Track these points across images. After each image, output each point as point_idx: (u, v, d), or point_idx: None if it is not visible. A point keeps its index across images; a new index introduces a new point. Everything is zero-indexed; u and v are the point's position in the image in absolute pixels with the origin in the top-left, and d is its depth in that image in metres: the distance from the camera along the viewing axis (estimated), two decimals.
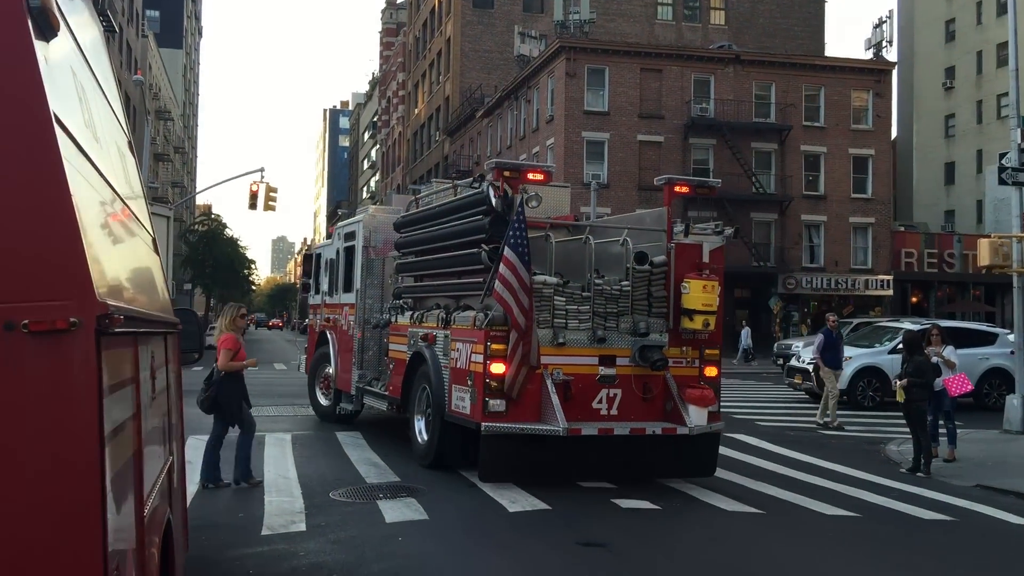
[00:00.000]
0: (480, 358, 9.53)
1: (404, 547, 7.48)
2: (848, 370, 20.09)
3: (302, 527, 8.19)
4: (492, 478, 9.78)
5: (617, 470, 10.17)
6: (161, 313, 3.84)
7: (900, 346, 20.47)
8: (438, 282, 11.75)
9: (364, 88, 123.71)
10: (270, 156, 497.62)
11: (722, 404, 20.06)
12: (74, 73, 2.64)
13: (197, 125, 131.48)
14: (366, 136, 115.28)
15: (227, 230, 75.07)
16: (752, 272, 44.64)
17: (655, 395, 10.00)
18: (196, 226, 76.97)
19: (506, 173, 9.63)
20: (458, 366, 10.19)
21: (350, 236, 14.88)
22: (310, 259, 17.80)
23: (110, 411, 2.17)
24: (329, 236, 17.11)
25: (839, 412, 17.23)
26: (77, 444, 2.02)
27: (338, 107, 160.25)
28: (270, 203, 34.02)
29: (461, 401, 10.02)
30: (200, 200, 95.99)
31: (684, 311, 10.01)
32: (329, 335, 15.54)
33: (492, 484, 9.93)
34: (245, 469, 10.20)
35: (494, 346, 9.34)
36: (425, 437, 11.19)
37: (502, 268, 9.11)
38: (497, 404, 9.34)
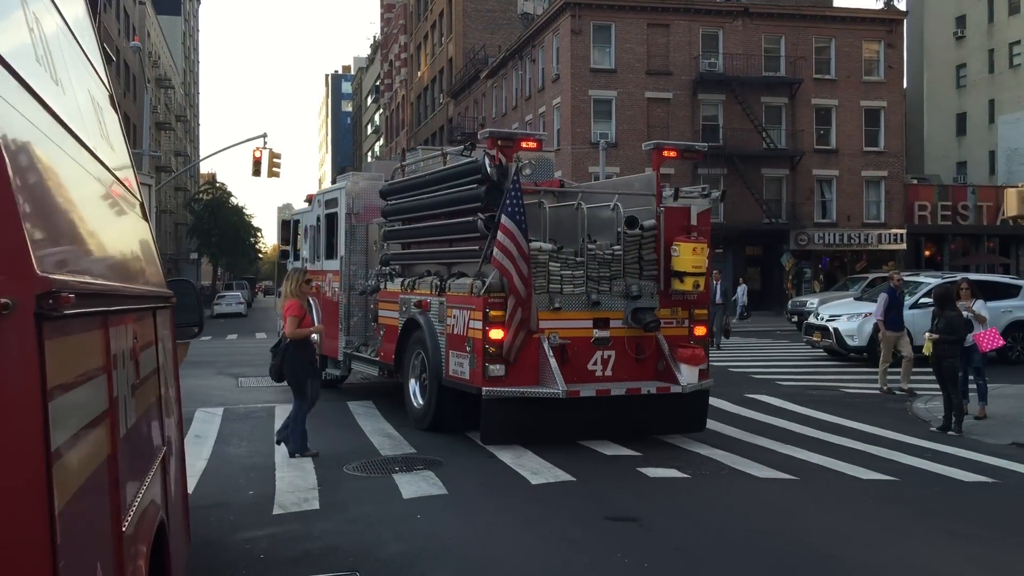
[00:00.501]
0: (479, 324, 9.75)
1: (423, 525, 7.10)
2: (868, 327, 19.71)
3: (315, 505, 7.82)
4: (494, 440, 9.98)
5: (614, 428, 10.37)
6: (148, 286, 3.39)
7: (921, 300, 20.23)
8: (429, 249, 11.93)
9: (366, 52, 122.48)
10: (273, 123, 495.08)
11: (740, 363, 19.72)
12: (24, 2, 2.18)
13: (198, 93, 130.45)
14: (369, 100, 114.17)
15: (232, 198, 74.68)
16: (764, 229, 44.05)
17: (647, 355, 10.37)
18: (201, 195, 76.57)
19: (500, 142, 9.78)
20: (455, 332, 10.37)
21: (331, 203, 14.99)
22: (287, 226, 17.84)
23: (64, 414, 1.71)
24: (308, 203, 17.21)
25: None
26: (12, 465, 1.54)
27: (340, 72, 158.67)
28: (274, 169, 33.51)
29: (459, 366, 10.22)
30: (204, 169, 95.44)
31: (674, 273, 10.36)
32: (312, 301, 15.38)
33: (512, 454, 9.66)
34: (302, 443, 9.83)
35: (492, 312, 9.60)
36: (420, 402, 11.41)
37: (500, 236, 9.30)
38: (496, 369, 9.59)
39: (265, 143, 33.45)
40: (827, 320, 20.76)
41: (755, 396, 15.03)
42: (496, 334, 9.56)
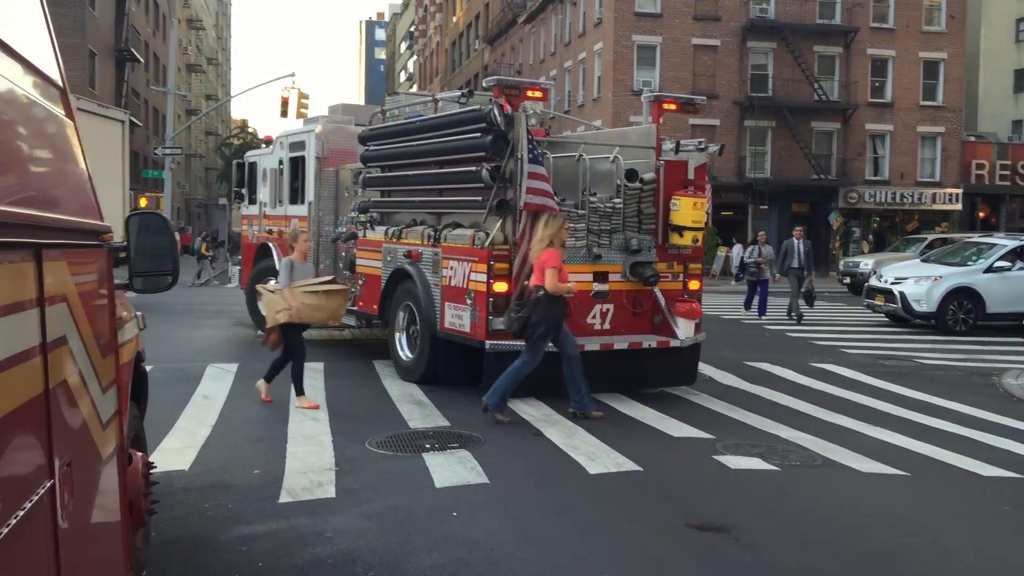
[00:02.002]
0: (482, 277, 9.66)
1: (461, 527, 5.75)
2: (937, 291, 18.20)
3: (331, 492, 6.50)
4: None
5: (612, 381, 10.21)
6: (40, 212, 2.01)
7: (996, 264, 18.61)
8: (418, 198, 11.68)
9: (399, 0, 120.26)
10: (307, 70, 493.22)
11: (797, 327, 18.23)
12: None
13: (231, 37, 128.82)
14: (403, 47, 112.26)
15: (263, 145, 73.42)
16: (811, 185, 42.14)
17: (644, 309, 10.49)
18: (231, 139, 75.34)
19: (507, 90, 9.65)
20: (452, 284, 10.25)
21: (297, 146, 14.55)
22: (243, 168, 17.03)
23: None
24: (267, 144, 16.45)
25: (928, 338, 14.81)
26: None
27: (374, 19, 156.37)
28: (302, 110, 32.18)
29: (458, 319, 10.11)
30: (235, 115, 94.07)
31: (673, 227, 10.39)
32: (273, 248, 15.13)
33: (561, 432, 8.39)
34: (503, 400, 8.77)
35: (497, 265, 9.59)
36: (409, 354, 11.27)
37: (533, 182, 9.20)
38: (500, 322, 9.46)
39: (293, 83, 32.27)
40: (892, 283, 19.20)
41: (821, 365, 13.56)
42: (500, 287, 9.55)
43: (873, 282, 20.27)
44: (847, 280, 30.01)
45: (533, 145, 9.32)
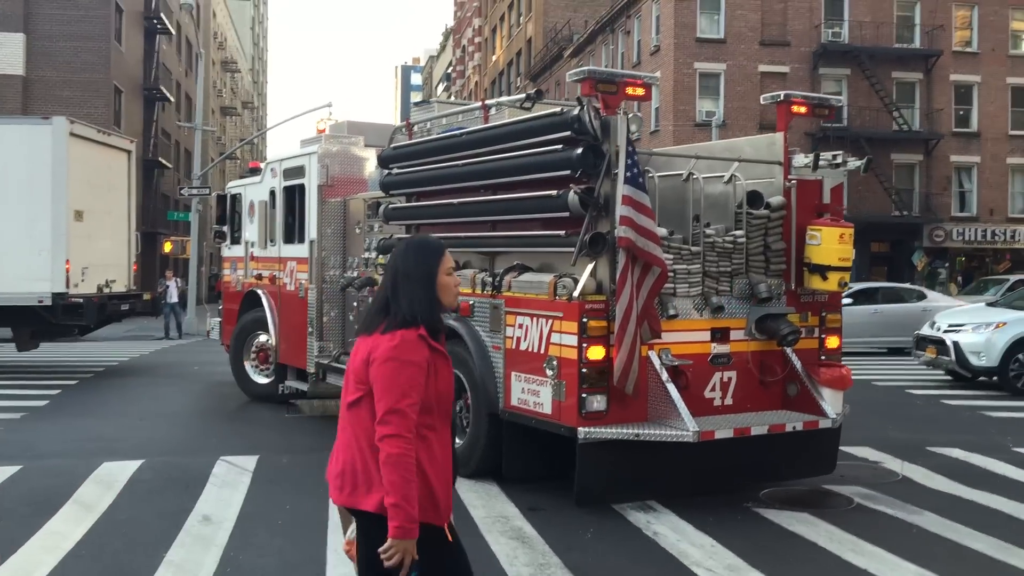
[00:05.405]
0: (571, 340, 7.28)
1: None
2: (1000, 341, 14.84)
3: None
4: (594, 500, 7.47)
5: (736, 477, 7.96)
6: None
7: None
8: (463, 234, 9.09)
9: (436, 44, 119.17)
10: (341, 115, 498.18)
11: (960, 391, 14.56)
12: None
13: (267, 82, 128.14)
14: (440, 89, 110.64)
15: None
16: (892, 222, 38.58)
17: (777, 378, 8.07)
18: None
19: (601, 86, 7.29)
20: (523, 348, 7.93)
21: (295, 173, 12.11)
22: (224, 200, 14.23)
23: None
24: (253, 171, 13.66)
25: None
26: None
27: (410, 64, 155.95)
28: None
29: (532, 395, 7.76)
30: (271, 155, 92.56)
31: (813, 267, 8.06)
32: (263, 296, 12.83)
33: None
34: None
35: (592, 324, 7.21)
36: (456, 439, 8.51)
37: (626, 211, 6.93)
38: (598, 401, 7.20)
39: (330, 114, 29.41)
40: (945, 331, 15.70)
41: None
42: (596, 353, 7.17)
43: (925, 330, 16.64)
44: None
45: (634, 161, 7.05)
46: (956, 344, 15.27)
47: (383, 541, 3.05)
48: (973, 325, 15.54)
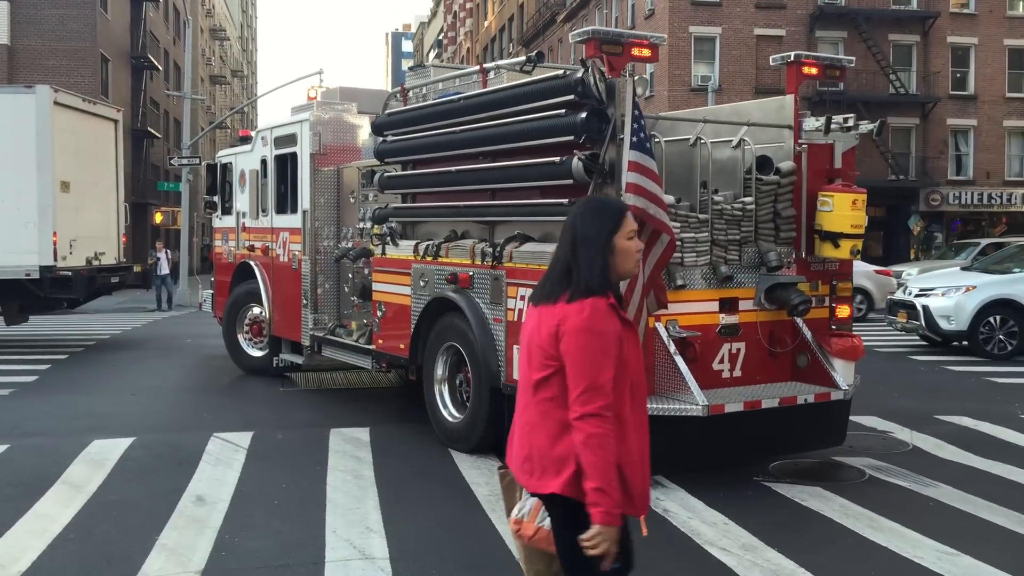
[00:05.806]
0: None
1: None
2: (970, 304, 14.80)
3: None
4: None
5: (750, 447, 7.63)
6: None
7: None
8: (462, 203, 8.79)
9: (427, 11, 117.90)
10: (332, 85, 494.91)
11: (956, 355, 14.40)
12: None
13: (256, 50, 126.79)
14: (431, 55, 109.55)
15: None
16: (889, 187, 38.30)
17: (787, 349, 7.84)
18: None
19: (606, 47, 6.99)
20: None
21: (286, 141, 11.82)
22: (215, 170, 13.89)
23: None
24: (244, 140, 13.35)
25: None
26: None
27: (400, 30, 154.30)
28: None
29: None
30: (262, 123, 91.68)
31: (825, 234, 7.82)
32: (256, 267, 12.58)
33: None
34: None
35: None
36: (456, 414, 8.68)
37: (634, 177, 6.60)
38: None
39: (321, 81, 28.97)
40: (916, 296, 15.65)
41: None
42: None
43: (897, 295, 16.69)
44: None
45: (641, 125, 6.72)
46: (926, 308, 15.26)
47: (578, 523, 2.84)
48: (943, 289, 15.48)
